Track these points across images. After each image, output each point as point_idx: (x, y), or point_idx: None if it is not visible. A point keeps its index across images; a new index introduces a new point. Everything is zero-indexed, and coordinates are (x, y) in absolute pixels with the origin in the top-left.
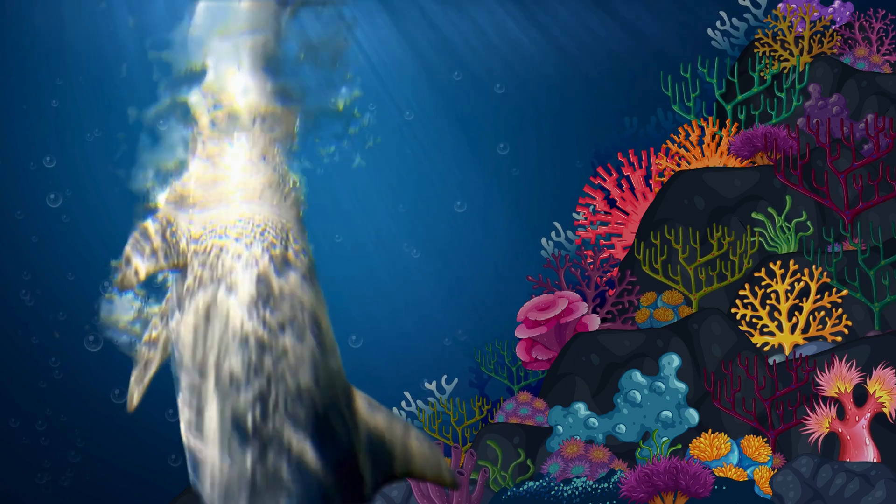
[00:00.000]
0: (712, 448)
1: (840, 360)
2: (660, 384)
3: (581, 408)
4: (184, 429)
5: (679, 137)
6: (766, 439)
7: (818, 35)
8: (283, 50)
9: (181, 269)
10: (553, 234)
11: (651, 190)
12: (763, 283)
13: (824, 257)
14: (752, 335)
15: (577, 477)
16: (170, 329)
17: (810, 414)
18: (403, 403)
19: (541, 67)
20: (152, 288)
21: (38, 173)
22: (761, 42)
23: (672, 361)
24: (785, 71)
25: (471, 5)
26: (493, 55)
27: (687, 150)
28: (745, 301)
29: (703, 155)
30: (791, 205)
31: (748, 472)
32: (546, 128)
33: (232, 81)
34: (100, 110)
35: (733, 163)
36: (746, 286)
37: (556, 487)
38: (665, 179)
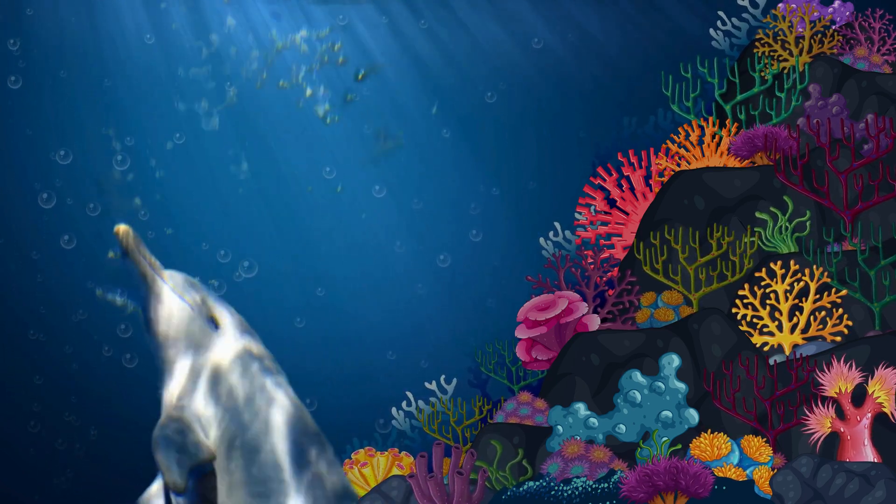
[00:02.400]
0: (712, 448)
1: (840, 360)
2: (660, 384)
3: (581, 408)
4: None
5: (679, 137)
6: (766, 439)
7: (818, 35)
8: None
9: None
10: (553, 234)
11: (651, 190)
12: (763, 283)
13: (824, 257)
14: (752, 335)
15: (577, 477)
16: None
17: (810, 414)
18: (404, 403)
19: (541, 67)
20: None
21: None
22: (761, 42)
23: (672, 361)
24: (785, 71)
25: (468, 5)
26: (492, 56)
27: (687, 150)
28: (745, 301)
29: (703, 155)
30: (793, 205)
31: (748, 472)
32: (546, 128)
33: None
34: None
35: (733, 163)
36: (746, 286)
37: (556, 487)
38: (665, 179)
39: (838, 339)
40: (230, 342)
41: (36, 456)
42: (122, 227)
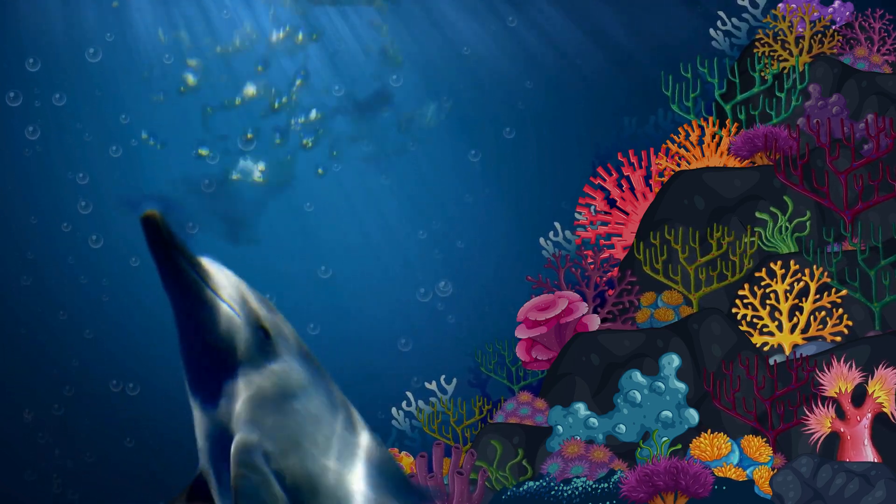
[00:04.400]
0: (712, 448)
1: (840, 360)
2: (660, 384)
3: (581, 408)
4: None
5: (679, 137)
6: (766, 439)
7: (818, 35)
8: None
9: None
10: (553, 234)
11: (651, 190)
12: (763, 283)
13: (824, 257)
14: (752, 335)
15: (577, 477)
16: None
17: (810, 414)
18: (404, 403)
19: (541, 67)
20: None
21: None
22: (761, 42)
23: (672, 361)
24: (785, 71)
25: (469, 5)
26: (494, 56)
27: (687, 150)
28: (745, 301)
29: (703, 155)
30: (793, 205)
31: (748, 472)
32: (546, 128)
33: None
34: None
35: (733, 163)
36: (746, 286)
37: (556, 487)
38: (665, 179)
39: (838, 339)
40: (285, 358)
41: None
42: (154, 213)
